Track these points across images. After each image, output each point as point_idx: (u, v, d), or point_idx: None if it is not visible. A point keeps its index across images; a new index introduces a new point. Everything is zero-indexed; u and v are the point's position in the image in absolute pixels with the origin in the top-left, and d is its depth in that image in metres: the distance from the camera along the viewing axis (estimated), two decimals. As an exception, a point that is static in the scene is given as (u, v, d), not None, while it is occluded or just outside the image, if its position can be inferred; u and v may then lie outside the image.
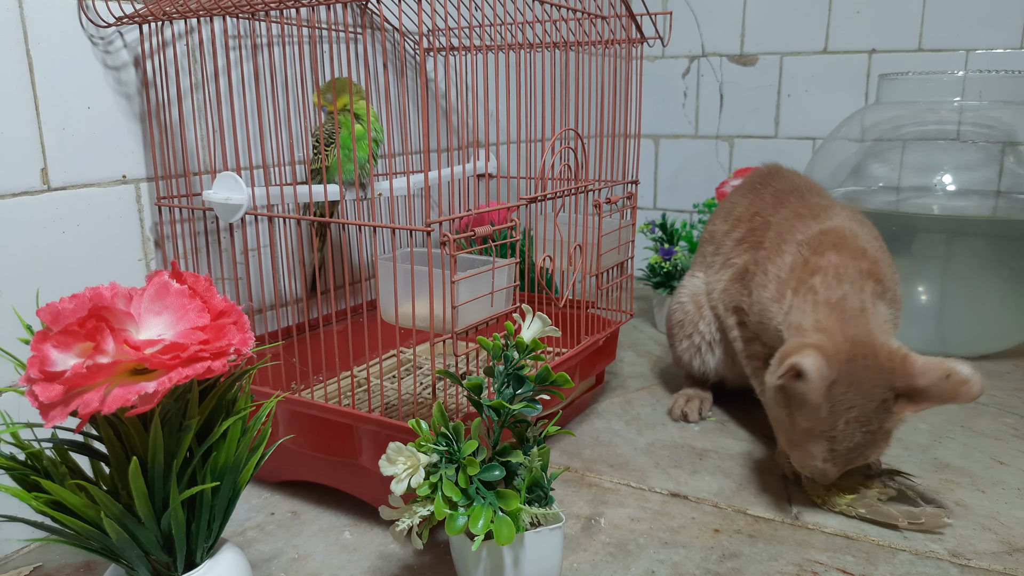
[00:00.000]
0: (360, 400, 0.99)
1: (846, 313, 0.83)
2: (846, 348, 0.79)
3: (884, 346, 0.80)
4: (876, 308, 0.84)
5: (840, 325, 0.82)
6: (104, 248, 0.87)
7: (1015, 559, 0.77)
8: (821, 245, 0.91)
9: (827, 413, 0.78)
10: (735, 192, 1.17)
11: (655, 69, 1.90)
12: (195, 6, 0.80)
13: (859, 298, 0.84)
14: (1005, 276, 1.31)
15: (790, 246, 0.95)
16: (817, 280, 0.87)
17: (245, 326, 0.54)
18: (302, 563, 0.77)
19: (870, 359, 0.79)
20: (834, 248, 0.90)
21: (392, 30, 1.19)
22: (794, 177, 1.11)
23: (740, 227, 1.08)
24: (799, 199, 1.04)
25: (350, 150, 0.90)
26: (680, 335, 1.14)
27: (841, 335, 0.80)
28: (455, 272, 0.73)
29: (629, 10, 1.04)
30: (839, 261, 0.88)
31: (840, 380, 0.78)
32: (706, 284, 1.12)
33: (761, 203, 1.08)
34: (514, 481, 0.68)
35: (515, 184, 1.22)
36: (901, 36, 1.63)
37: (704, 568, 0.75)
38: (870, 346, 0.79)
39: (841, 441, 0.79)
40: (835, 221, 0.95)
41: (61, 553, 0.78)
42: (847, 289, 0.85)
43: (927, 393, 0.78)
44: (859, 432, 0.79)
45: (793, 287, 0.90)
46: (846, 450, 0.80)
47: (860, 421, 0.79)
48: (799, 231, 0.95)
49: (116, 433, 0.54)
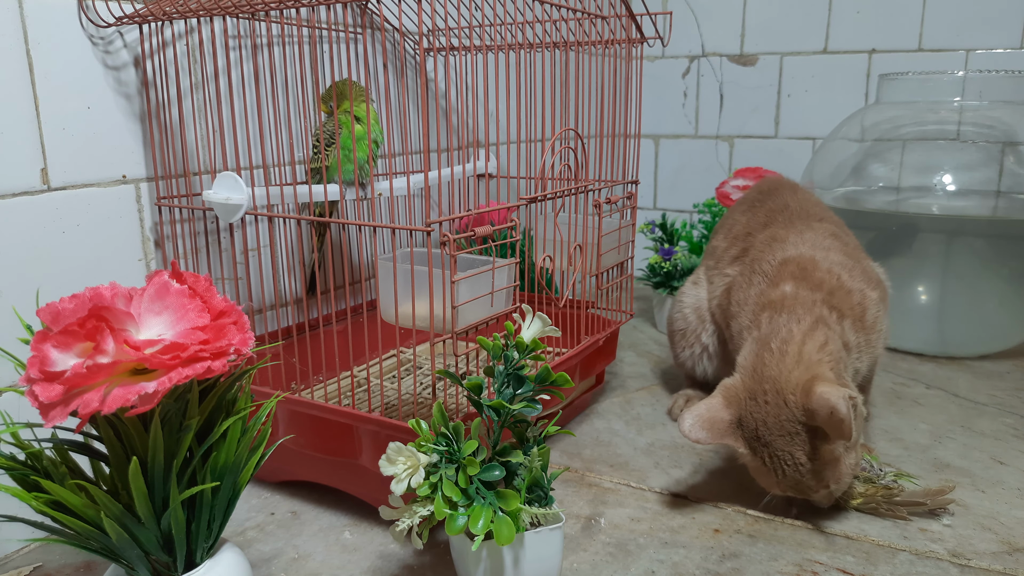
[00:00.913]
0: (360, 400, 0.99)
1: (765, 349, 0.84)
2: (750, 386, 0.82)
3: (792, 382, 0.79)
4: (812, 336, 0.83)
5: (756, 363, 0.83)
6: (104, 248, 0.87)
7: (1015, 559, 0.77)
8: (779, 276, 0.93)
9: (746, 449, 0.81)
10: (737, 207, 1.16)
11: (655, 69, 1.90)
12: (195, 6, 0.80)
13: (788, 329, 0.85)
14: (1005, 276, 1.31)
15: (756, 276, 0.96)
16: (764, 317, 0.89)
17: (245, 326, 0.54)
18: (302, 563, 0.77)
19: (770, 395, 0.79)
20: (791, 278, 0.91)
21: (392, 30, 1.19)
22: (789, 194, 1.10)
23: (736, 245, 1.08)
24: (784, 219, 1.05)
25: (350, 150, 0.90)
26: (682, 344, 1.14)
27: (751, 375, 0.83)
28: (455, 272, 0.73)
29: (629, 10, 1.04)
30: (792, 293, 0.89)
31: (745, 418, 0.81)
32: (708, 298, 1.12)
33: (755, 222, 1.08)
34: (514, 481, 0.68)
35: (515, 184, 1.22)
36: (901, 36, 1.63)
37: (704, 568, 0.75)
38: (774, 382, 0.80)
39: (776, 475, 0.80)
40: (798, 249, 0.96)
41: (61, 553, 0.78)
42: (781, 321, 0.86)
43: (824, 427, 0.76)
44: (784, 466, 0.79)
45: (748, 323, 0.92)
46: (791, 482, 0.80)
47: (781, 456, 0.79)
48: (767, 259, 0.97)
49: (116, 433, 0.54)
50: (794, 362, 0.81)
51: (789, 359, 0.81)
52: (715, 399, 0.83)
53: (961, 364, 1.35)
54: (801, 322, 0.85)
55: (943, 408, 1.15)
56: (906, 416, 1.12)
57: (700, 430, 0.81)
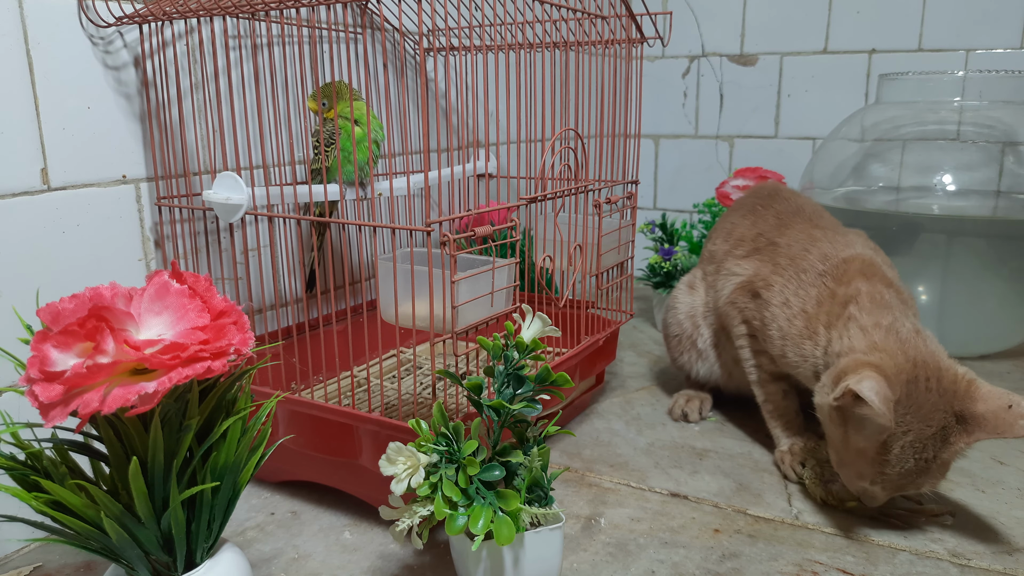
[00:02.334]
0: (360, 400, 0.99)
1: (902, 334, 0.79)
2: (908, 368, 0.76)
3: (950, 369, 0.76)
4: (928, 332, 0.80)
5: (900, 345, 0.78)
6: (104, 248, 0.87)
7: (1015, 559, 0.77)
8: (846, 274, 0.88)
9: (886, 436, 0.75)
10: (733, 212, 1.14)
11: (655, 69, 1.90)
12: (195, 6, 0.80)
13: (911, 322, 0.81)
14: (1005, 276, 1.31)
15: (810, 276, 0.91)
16: (852, 309, 0.84)
17: (245, 326, 0.54)
18: (302, 563, 0.77)
19: (933, 381, 0.75)
20: (861, 276, 0.87)
21: (392, 30, 1.19)
22: (795, 198, 1.09)
23: (742, 246, 1.05)
24: (806, 220, 1.02)
25: (350, 152, 0.90)
26: (679, 348, 1.15)
27: (902, 355, 0.77)
28: (455, 272, 0.73)
29: (629, 10, 1.04)
30: (871, 289, 0.85)
31: (900, 402, 0.74)
32: (704, 305, 1.12)
33: (764, 224, 1.05)
34: (514, 481, 0.68)
35: (515, 184, 1.22)
36: (901, 36, 1.63)
37: (704, 568, 0.75)
38: (935, 368, 0.76)
39: (894, 465, 0.76)
40: (854, 249, 0.92)
41: (61, 553, 0.78)
42: (896, 314, 0.81)
43: (983, 421, 0.74)
44: (912, 459, 0.75)
45: (825, 322, 0.86)
46: (897, 475, 0.76)
47: (915, 447, 0.75)
48: (817, 259, 0.92)
49: (116, 433, 0.54)
50: (940, 351, 0.77)
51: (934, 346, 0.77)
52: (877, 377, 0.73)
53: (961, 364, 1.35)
54: (907, 317, 0.82)
55: (943, 408, 1.15)
56: (906, 416, 1.12)
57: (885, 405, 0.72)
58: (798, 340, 0.89)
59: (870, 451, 0.77)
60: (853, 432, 0.78)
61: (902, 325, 0.81)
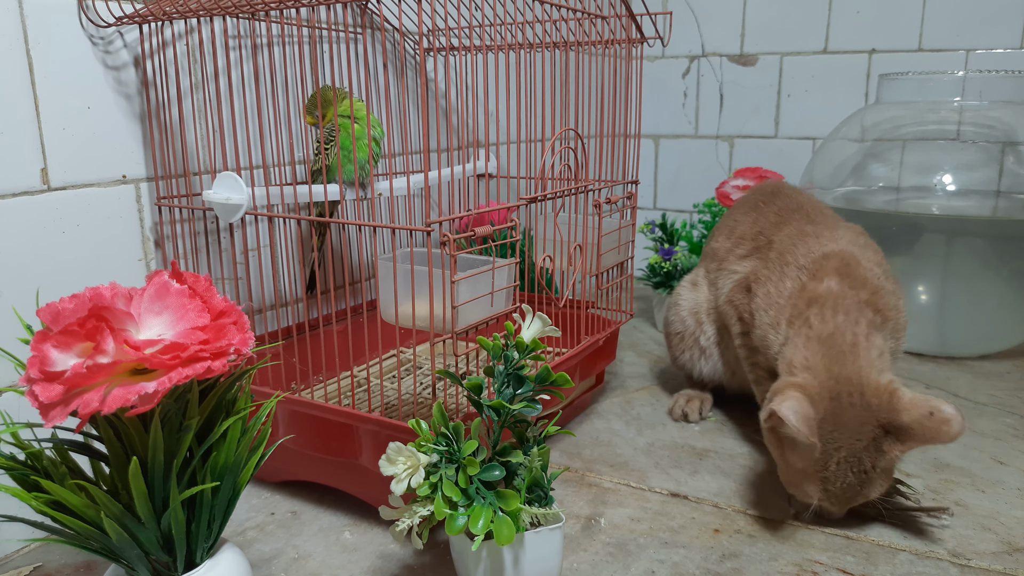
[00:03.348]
0: (360, 400, 0.99)
1: (834, 349, 0.81)
2: (830, 386, 0.78)
3: (872, 382, 0.78)
4: (871, 341, 0.82)
5: (827, 362, 0.80)
6: (104, 248, 0.87)
7: (1015, 559, 0.77)
8: (821, 270, 0.89)
9: (819, 453, 0.77)
10: (736, 209, 1.15)
11: (655, 69, 1.90)
12: (195, 6, 0.80)
13: (852, 331, 0.82)
14: (1005, 276, 1.31)
15: (791, 269, 0.93)
16: (812, 313, 0.85)
17: (245, 326, 0.54)
18: (302, 563, 0.77)
19: (855, 396, 0.77)
20: (835, 274, 0.88)
21: (392, 30, 1.19)
22: (797, 195, 1.09)
23: (743, 245, 1.06)
24: (803, 217, 1.02)
25: (350, 150, 0.90)
26: (680, 346, 1.14)
27: (826, 373, 0.79)
28: (455, 272, 0.73)
29: (629, 10, 1.04)
30: (838, 290, 0.86)
31: (826, 419, 0.77)
32: (707, 301, 1.12)
33: (765, 222, 1.06)
34: (514, 481, 0.68)
35: (515, 184, 1.22)
36: (901, 36, 1.63)
37: (704, 568, 0.75)
38: (857, 383, 0.78)
39: (834, 481, 0.77)
40: (838, 244, 0.93)
41: (61, 553, 0.78)
42: (840, 321, 0.83)
43: (911, 431, 0.75)
44: (851, 472, 0.77)
45: (788, 317, 0.88)
46: (840, 490, 0.78)
47: (850, 462, 0.77)
48: (801, 253, 0.93)
49: (116, 433, 0.54)
50: (868, 364, 0.79)
51: (863, 361, 0.79)
52: (798, 394, 0.77)
53: (961, 364, 1.35)
54: (858, 324, 0.83)
55: (943, 408, 1.15)
56: (906, 416, 1.12)
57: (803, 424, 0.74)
58: (767, 329, 0.91)
59: (809, 469, 0.78)
60: (789, 452, 0.80)
61: (843, 336, 0.82)
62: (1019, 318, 1.34)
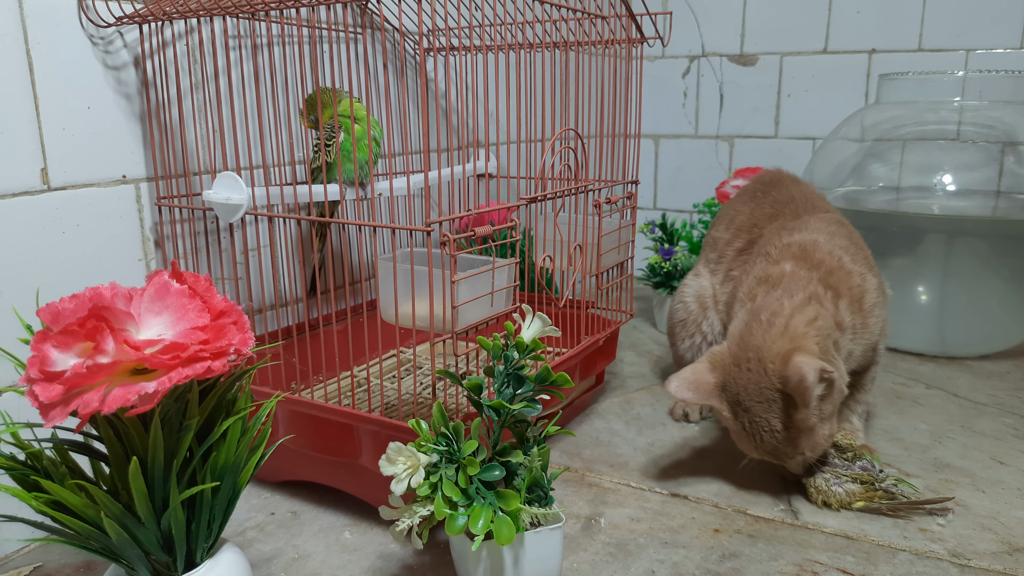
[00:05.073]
0: (360, 400, 0.99)
1: (755, 320, 0.87)
2: (736, 354, 0.85)
3: (773, 349, 0.82)
4: (802, 312, 0.86)
5: (743, 332, 0.87)
6: (104, 248, 0.87)
7: (1015, 559, 0.77)
8: (780, 256, 0.95)
9: (728, 412, 0.86)
10: (738, 198, 1.17)
11: (655, 69, 1.90)
12: (195, 6, 0.80)
13: (780, 303, 0.87)
14: (1005, 276, 1.31)
15: (759, 258, 0.99)
16: (760, 290, 0.92)
17: (245, 326, 0.54)
18: (302, 563, 0.77)
19: (753, 363, 0.83)
20: (792, 258, 0.93)
21: (392, 30, 1.19)
22: (793, 186, 1.12)
23: (741, 237, 1.09)
24: (792, 211, 1.06)
25: (350, 150, 0.90)
26: (683, 334, 1.14)
27: (738, 343, 0.86)
28: (455, 272, 0.73)
29: (629, 10, 1.04)
30: (791, 271, 0.91)
31: (728, 384, 0.85)
32: (712, 288, 1.12)
33: (760, 213, 1.10)
34: (514, 481, 0.68)
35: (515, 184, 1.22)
36: (901, 36, 1.63)
37: (704, 568, 0.75)
38: (756, 350, 0.83)
39: (755, 437, 0.84)
40: (803, 234, 0.98)
41: (61, 553, 0.78)
42: (774, 296, 0.89)
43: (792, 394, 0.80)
44: (763, 431, 0.83)
45: (745, 295, 0.95)
46: (768, 444, 0.84)
47: (757, 421, 0.83)
48: (773, 245, 0.99)
49: (116, 433, 0.54)
50: (779, 333, 0.84)
51: (775, 330, 0.85)
52: (702, 363, 0.88)
53: (961, 364, 1.35)
54: (793, 297, 0.88)
55: (943, 408, 1.15)
56: (906, 416, 1.12)
57: (686, 390, 0.86)
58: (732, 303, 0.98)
59: (735, 427, 0.86)
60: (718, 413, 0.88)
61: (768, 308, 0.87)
62: (1019, 318, 1.34)
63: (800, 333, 0.83)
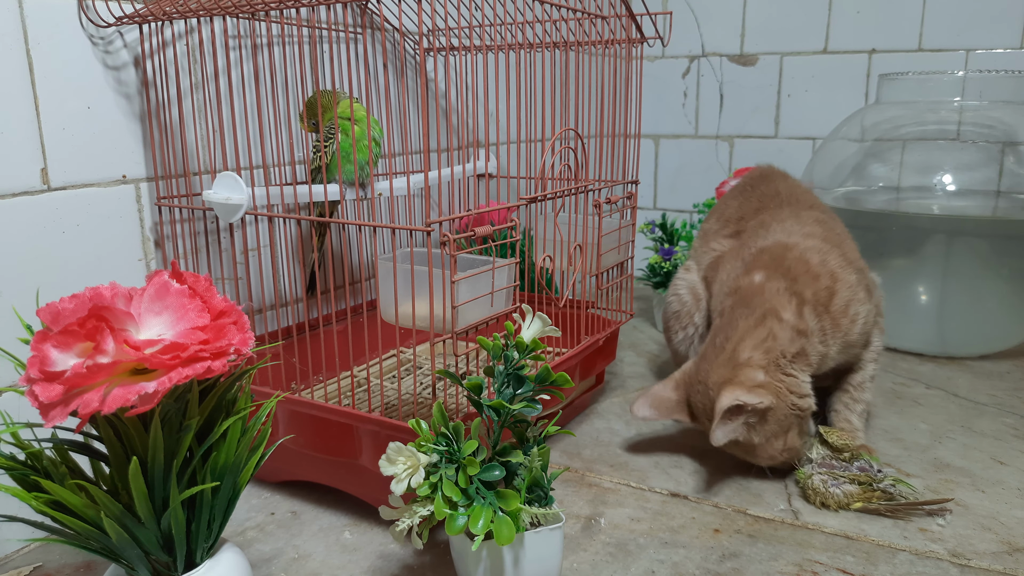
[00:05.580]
0: (360, 400, 0.99)
1: (712, 344, 0.93)
2: (693, 375, 0.93)
3: (716, 376, 0.88)
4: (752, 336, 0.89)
5: (705, 353, 0.93)
6: (104, 248, 0.87)
7: (1015, 559, 0.77)
8: (753, 264, 0.97)
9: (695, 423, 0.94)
10: (730, 192, 1.20)
11: (655, 69, 1.90)
12: (195, 6, 0.80)
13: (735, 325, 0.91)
14: (1005, 276, 1.31)
15: (738, 262, 1.02)
16: (727, 304, 0.96)
17: (245, 326, 0.54)
18: (302, 563, 0.77)
19: (701, 387, 0.91)
20: (763, 268, 0.96)
21: (392, 30, 1.19)
22: (780, 182, 1.13)
23: (728, 227, 1.12)
24: (776, 206, 1.08)
25: (349, 150, 0.90)
26: (676, 327, 1.14)
27: (697, 366, 0.93)
28: (455, 272, 0.73)
29: (629, 10, 1.04)
30: (758, 284, 0.94)
31: (691, 399, 0.94)
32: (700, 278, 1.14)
33: (747, 207, 1.12)
34: (514, 481, 0.68)
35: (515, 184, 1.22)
36: (901, 36, 1.63)
37: (704, 568, 0.75)
38: (706, 375, 0.90)
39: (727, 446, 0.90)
40: (776, 237, 1.00)
41: (61, 553, 0.78)
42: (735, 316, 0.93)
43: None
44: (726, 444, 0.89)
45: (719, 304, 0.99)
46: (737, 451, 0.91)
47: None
48: (750, 244, 1.02)
49: (116, 433, 0.54)
50: (726, 359, 0.89)
51: (723, 356, 0.90)
52: (668, 381, 0.96)
53: (961, 364, 1.35)
54: (749, 317, 0.91)
55: (943, 408, 1.15)
56: (906, 416, 1.12)
57: (644, 408, 0.95)
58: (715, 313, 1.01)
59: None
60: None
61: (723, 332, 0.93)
62: (1019, 318, 1.34)
63: (743, 360, 0.88)
